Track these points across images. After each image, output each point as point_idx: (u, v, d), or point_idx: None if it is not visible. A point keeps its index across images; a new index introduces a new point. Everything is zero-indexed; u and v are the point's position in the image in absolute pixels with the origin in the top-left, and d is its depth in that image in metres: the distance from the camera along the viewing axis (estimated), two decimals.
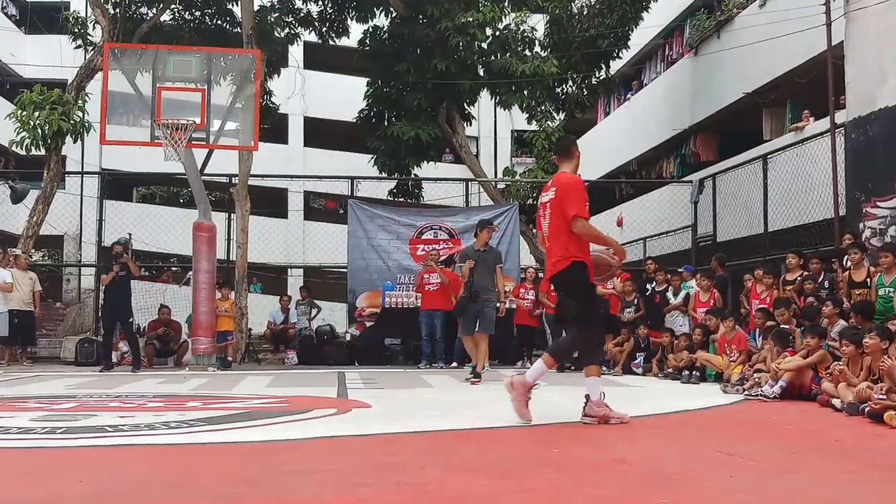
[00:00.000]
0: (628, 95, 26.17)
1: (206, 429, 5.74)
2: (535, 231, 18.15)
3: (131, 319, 13.54)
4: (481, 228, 10.97)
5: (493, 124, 30.34)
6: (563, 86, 19.30)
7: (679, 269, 13.83)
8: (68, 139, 15.32)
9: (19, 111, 14.75)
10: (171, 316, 15.48)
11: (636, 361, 12.39)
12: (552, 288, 6.98)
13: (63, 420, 6.17)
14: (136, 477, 4.11)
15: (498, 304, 11.05)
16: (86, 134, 15.47)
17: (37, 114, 14.68)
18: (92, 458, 4.73)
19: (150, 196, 33.40)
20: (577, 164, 6.60)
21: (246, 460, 4.62)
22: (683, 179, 19.81)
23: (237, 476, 4.07)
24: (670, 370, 11.34)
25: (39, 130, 14.69)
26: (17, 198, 17.31)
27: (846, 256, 10.05)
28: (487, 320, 10.51)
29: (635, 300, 13.48)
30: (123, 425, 5.89)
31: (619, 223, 22.81)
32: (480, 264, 10.61)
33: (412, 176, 19.61)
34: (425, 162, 19.33)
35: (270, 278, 24.01)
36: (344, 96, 24.07)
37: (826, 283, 10.39)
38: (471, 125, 21.19)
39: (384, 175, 19.24)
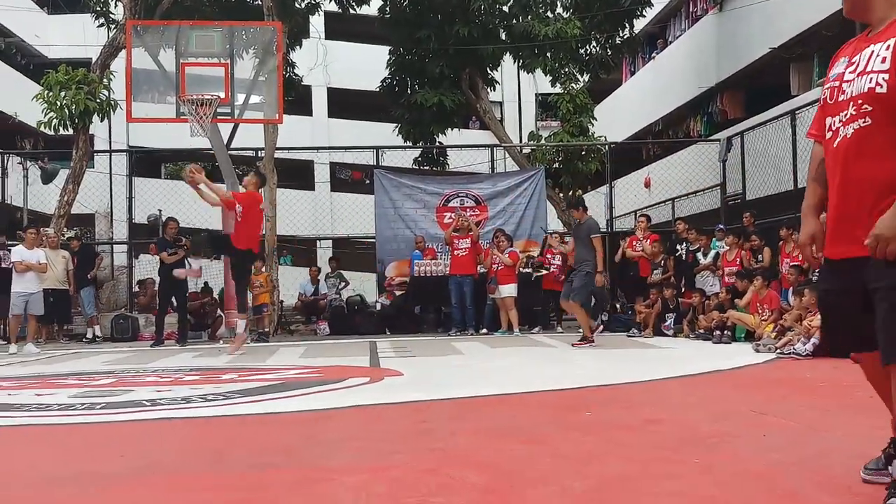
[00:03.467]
0: (653, 54, 25.81)
1: (243, 400, 5.81)
2: (561, 195, 18.08)
3: (187, 294, 13.67)
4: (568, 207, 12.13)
5: (516, 88, 30.13)
6: (587, 47, 19.07)
7: (717, 228, 13.73)
8: (95, 118, 15.40)
9: (46, 92, 14.85)
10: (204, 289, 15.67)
11: (667, 323, 12.35)
12: None
13: (102, 396, 6.27)
14: (176, 449, 4.20)
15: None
16: (112, 112, 15.55)
17: (63, 94, 14.76)
18: (132, 432, 4.82)
19: (178, 172, 33.55)
20: None
21: (282, 430, 4.69)
22: (711, 138, 19.58)
23: (274, 446, 4.14)
24: (701, 331, 11.32)
25: (66, 110, 14.77)
26: (47, 178, 17.49)
27: None
28: (573, 288, 10.95)
29: (662, 261, 13.42)
30: (161, 399, 5.99)
31: (647, 184, 22.61)
32: (575, 238, 11.39)
33: (437, 144, 19.55)
34: (449, 129, 19.25)
35: (300, 250, 24.11)
36: (366, 66, 23.92)
37: None
38: (494, 90, 21.03)
39: (409, 144, 19.21)
